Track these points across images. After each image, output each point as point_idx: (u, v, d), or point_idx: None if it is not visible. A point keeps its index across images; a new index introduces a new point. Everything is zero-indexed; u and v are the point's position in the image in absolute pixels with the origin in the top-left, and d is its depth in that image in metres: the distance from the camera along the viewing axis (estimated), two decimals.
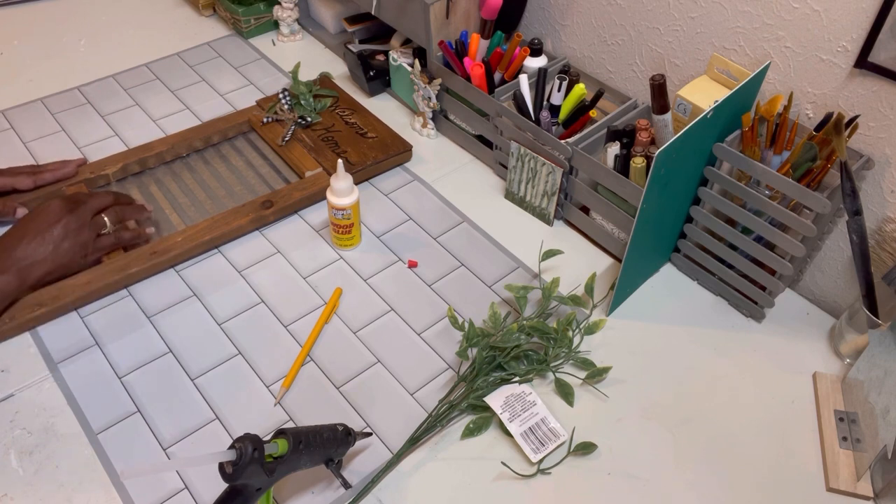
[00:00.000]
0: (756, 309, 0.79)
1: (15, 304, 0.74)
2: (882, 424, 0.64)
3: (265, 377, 0.72)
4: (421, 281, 0.82)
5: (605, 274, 0.84)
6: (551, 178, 0.85)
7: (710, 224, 0.77)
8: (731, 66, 0.78)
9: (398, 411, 0.70)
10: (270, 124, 0.98)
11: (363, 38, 1.13)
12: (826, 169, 0.70)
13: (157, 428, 0.68)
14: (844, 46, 0.70)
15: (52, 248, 0.74)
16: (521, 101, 0.87)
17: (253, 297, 0.80)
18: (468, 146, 1.00)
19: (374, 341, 0.76)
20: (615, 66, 0.94)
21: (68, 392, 0.70)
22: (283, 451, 0.54)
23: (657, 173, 0.66)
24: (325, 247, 0.86)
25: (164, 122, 1.02)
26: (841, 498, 0.65)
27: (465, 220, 0.90)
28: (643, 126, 0.79)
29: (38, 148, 0.96)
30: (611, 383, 0.73)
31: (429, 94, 0.97)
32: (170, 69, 1.12)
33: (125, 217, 0.82)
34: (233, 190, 0.91)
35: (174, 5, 1.27)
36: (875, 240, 0.76)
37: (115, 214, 0.80)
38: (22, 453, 0.65)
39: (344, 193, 0.79)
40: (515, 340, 0.72)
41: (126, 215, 0.82)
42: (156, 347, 0.74)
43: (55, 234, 0.74)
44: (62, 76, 1.09)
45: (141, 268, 0.79)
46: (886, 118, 0.70)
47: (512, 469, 0.66)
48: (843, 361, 0.76)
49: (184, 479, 0.64)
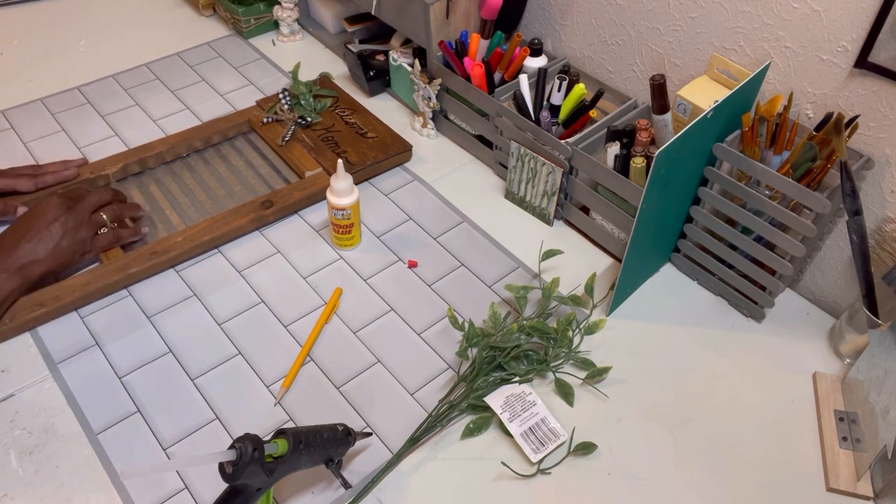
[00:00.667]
0: (756, 309, 0.79)
1: (15, 305, 0.74)
2: (882, 424, 0.64)
3: (265, 377, 0.72)
4: (421, 281, 0.82)
5: (605, 274, 0.84)
6: (551, 178, 0.85)
7: (710, 224, 0.77)
8: (731, 66, 0.78)
9: (398, 411, 0.70)
10: (270, 124, 0.98)
11: (363, 38, 1.13)
12: (826, 169, 0.70)
13: (157, 428, 0.68)
14: (844, 46, 0.70)
15: (52, 247, 0.74)
16: (521, 101, 0.87)
17: (253, 297, 0.80)
18: (468, 146, 1.00)
19: (374, 341, 0.76)
20: (615, 66, 0.94)
21: (68, 392, 0.70)
22: (283, 451, 0.54)
23: (657, 173, 0.66)
24: (325, 247, 0.86)
25: (164, 122, 1.02)
26: (841, 498, 0.65)
27: (465, 220, 0.90)
28: (643, 126, 0.79)
29: (38, 148, 0.96)
30: (611, 383, 0.73)
31: (429, 94, 0.97)
32: (170, 69, 1.12)
33: (122, 215, 0.82)
34: (233, 190, 0.91)
35: (174, 5, 1.27)
36: (875, 240, 0.76)
37: (112, 212, 0.80)
38: (22, 453, 0.65)
39: (344, 193, 0.79)
40: (515, 340, 0.72)
41: (123, 213, 0.82)
42: (156, 347, 0.74)
43: (54, 232, 0.74)
44: (62, 76, 1.09)
45: (141, 268, 0.79)
46: (886, 118, 0.70)
47: (512, 469, 0.66)
48: (843, 361, 0.76)
49: (184, 479, 0.64)
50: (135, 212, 0.84)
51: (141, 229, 0.83)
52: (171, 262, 0.81)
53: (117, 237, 0.80)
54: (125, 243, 0.81)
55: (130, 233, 0.82)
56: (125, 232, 0.81)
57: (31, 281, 0.74)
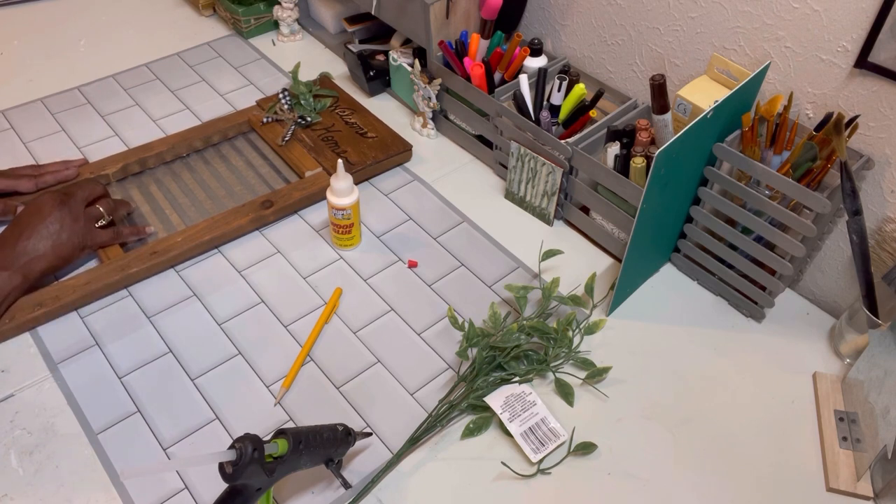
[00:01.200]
0: (756, 309, 0.79)
1: (15, 304, 0.74)
2: (882, 424, 0.64)
3: (265, 377, 0.72)
4: (421, 281, 0.82)
5: (605, 274, 0.84)
6: (551, 178, 0.85)
7: (710, 224, 0.77)
8: (731, 66, 0.78)
9: (398, 411, 0.70)
10: (270, 124, 0.98)
11: (363, 38, 1.13)
12: (826, 169, 0.70)
13: (157, 428, 0.68)
14: (844, 46, 0.70)
15: (51, 243, 0.74)
16: (521, 101, 0.87)
17: (253, 297, 0.80)
18: (468, 146, 1.00)
19: (374, 341, 0.76)
20: (615, 66, 0.94)
21: (68, 392, 0.70)
22: (283, 451, 0.54)
23: (657, 173, 0.66)
24: (325, 247, 0.86)
25: (164, 122, 1.02)
26: (841, 498, 0.65)
27: (465, 220, 0.90)
28: (643, 126, 0.79)
29: (38, 148, 0.96)
30: (611, 383, 0.73)
31: (429, 94, 0.97)
32: (170, 69, 1.12)
33: (116, 208, 0.83)
34: (233, 190, 0.91)
35: (174, 5, 1.27)
36: (875, 240, 0.76)
37: (108, 205, 0.81)
38: (22, 453, 0.65)
39: (344, 193, 0.79)
40: (515, 340, 0.72)
41: (118, 207, 0.83)
42: (156, 347, 0.74)
43: (51, 227, 0.75)
44: (62, 76, 1.09)
45: (141, 268, 0.79)
46: (886, 118, 0.70)
47: (512, 469, 0.66)
48: (843, 361, 0.76)
49: (184, 479, 0.64)
50: (127, 208, 0.85)
51: (146, 228, 0.83)
52: (171, 262, 0.81)
53: (118, 234, 0.80)
54: (127, 241, 0.82)
55: (132, 231, 0.82)
56: (126, 230, 0.81)
57: (32, 278, 0.74)
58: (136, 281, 0.80)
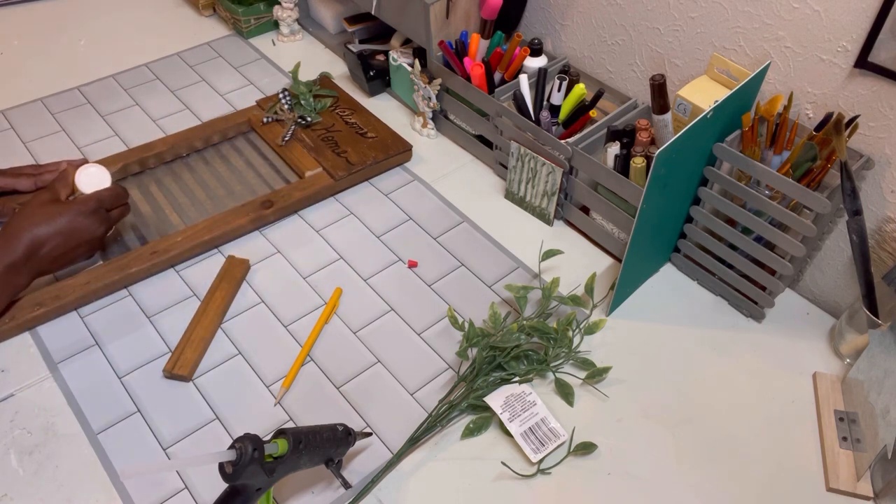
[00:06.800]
0: (756, 309, 0.79)
1: (15, 304, 0.74)
2: (882, 424, 0.64)
3: (265, 377, 0.72)
4: (421, 281, 0.82)
5: (605, 274, 0.84)
6: (551, 178, 0.85)
7: (710, 224, 0.77)
8: (731, 66, 0.78)
9: (398, 411, 0.70)
10: (270, 124, 0.98)
11: (363, 38, 1.13)
12: (826, 169, 0.70)
13: (157, 428, 0.68)
14: (844, 46, 0.70)
15: (67, 221, 0.73)
16: (521, 101, 0.87)
17: (253, 296, 0.80)
18: (468, 146, 1.00)
19: (374, 341, 0.76)
20: (615, 66, 0.94)
21: (68, 392, 0.70)
22: (283, 452, 0.54)
23: (657, 173, 0.66)
24: (326, 247, 0.86)
25: (164, 122, 1.02)
26: (841, 498, 0.65)
27: (465, 220, 0.90)
28: (643, 126, 0.79)
29: (38, 148, 0.96)
30: (611, 383, 0.73)
31: (429, 94, 0.97)
32: (170, 69, 1.12)
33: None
34: (233, 190, 0.91)
35: (174, 5, 1.27)
36: (875, 240, 0.76)
37: (122, 213, 0.80)
38: (22, 453, 0.65)
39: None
40: (515, 340, 0.72)
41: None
42: (156, 347, 0.74)
43: (56, 215, 0.73)
44: (62, 76, 1.09)
45: (141, 267, 0.79)
46: (886, 118, 0.70)
47: (512, 469, 0.66)
48: (843, 361, 0.76)
49: (184, 479, 0.64)
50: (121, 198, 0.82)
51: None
52: (171, 262, 0.81)
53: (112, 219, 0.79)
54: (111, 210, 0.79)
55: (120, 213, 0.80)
56: (115, 213, 0.79)
57: (41, 264, 0.72)
58: (135, 280, 0.80)
